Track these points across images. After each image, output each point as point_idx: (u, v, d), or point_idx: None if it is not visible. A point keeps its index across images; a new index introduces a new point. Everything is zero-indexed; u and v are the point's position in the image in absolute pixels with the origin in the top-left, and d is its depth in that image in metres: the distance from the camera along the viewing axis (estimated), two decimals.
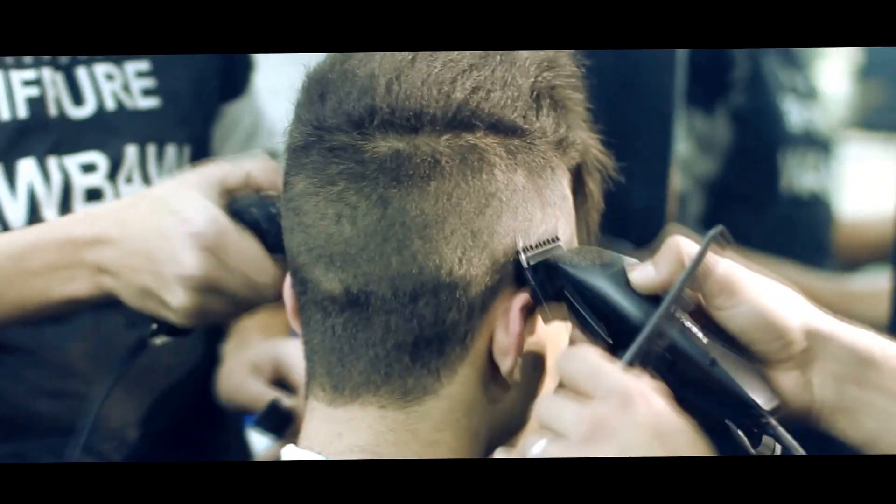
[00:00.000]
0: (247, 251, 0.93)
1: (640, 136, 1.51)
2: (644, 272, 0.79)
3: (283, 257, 0.89)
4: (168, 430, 1.27)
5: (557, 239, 0.83)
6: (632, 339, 0.76)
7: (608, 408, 0.72)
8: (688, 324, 0.78)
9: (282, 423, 1.16)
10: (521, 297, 0.81)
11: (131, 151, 1.20)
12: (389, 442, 0.81)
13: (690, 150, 1.92)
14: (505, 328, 0.81)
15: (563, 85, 0.83)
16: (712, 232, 0.77)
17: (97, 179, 1.18)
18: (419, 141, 0.78)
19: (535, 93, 0.81)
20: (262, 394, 1.18)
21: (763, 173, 1.96)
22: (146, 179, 1.21)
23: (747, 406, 0.77)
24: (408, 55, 0.80)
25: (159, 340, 1.01)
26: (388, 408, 0.81)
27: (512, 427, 0.85)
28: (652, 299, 0.78)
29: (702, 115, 1.92)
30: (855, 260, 2.08)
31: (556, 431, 0.73)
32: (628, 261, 0.81)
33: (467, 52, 0.80)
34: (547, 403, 0.75)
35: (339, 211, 0.79)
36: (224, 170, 0.97)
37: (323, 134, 0.80)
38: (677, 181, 1.73)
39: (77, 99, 1.19)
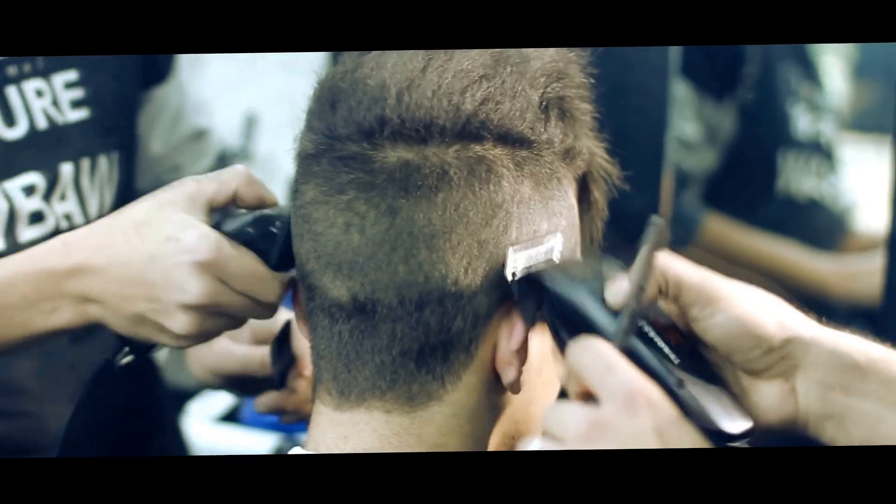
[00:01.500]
0: (250, 273, 0.91)
1: (633, 142, 1.52)
2: (617, 288, 0.78)
3: (284, 274, 0.91)
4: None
5: (550, 252, 0.83)
6: None
7: (610, 410, 0.72)
8: (658, 342, 0.78)
9: (289, 359, 1.12)
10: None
11: (66, 169, 1.18)
12: (394, 446, 0.82)
13: (694, 136, 1.93)
14: (508, 338, 0.82)
15: (571, 96, 0.84)
16: (653, 226, 0.75)
17: (38, 202, 1.16)
18: (428, 152, 0.79)
19: (543, 104, 0.82)
20: (249, 353, 1.14)
21: (761, 172, 1.97)
22: (80, 195, 1.19)
23: (713, 430, 0.76)
24: (419, 64, 0.80)
25: (125, 361, 0.99)
26: (394, 413, 0.82)
27: (516, 433, 0.86)
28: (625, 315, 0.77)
29: (710, 103, 1.93)
30: None
31: (554, 434, 0.73)
32: (611, 275, 0.80)
33: (478, 62, 0.81)
34: (549, 407, 0.75)
35: (348, 220, 0.80)
36: (208, 187, 0.94)
37: (333, 143, 0.81)
38: (669, 185, 1.74)
39: (9, 120, 1.17)
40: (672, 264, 0.78)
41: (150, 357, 1.03)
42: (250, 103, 2.13)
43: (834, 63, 2.13)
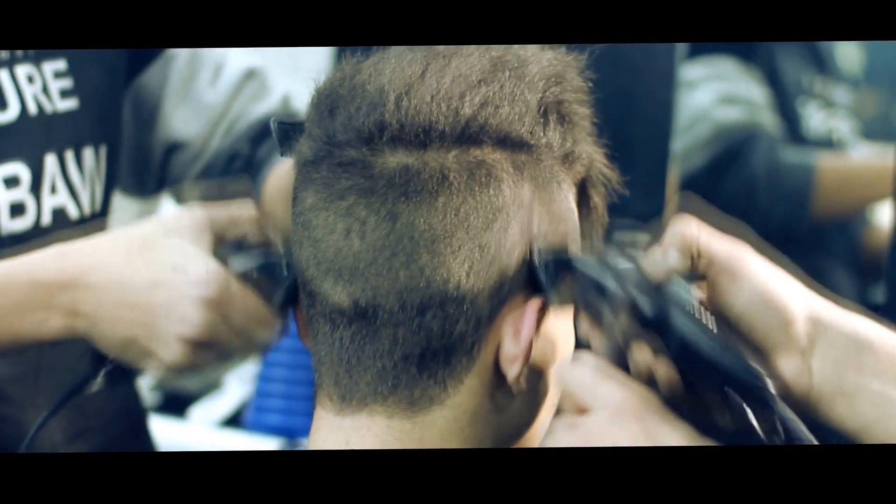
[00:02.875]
0: (254, 315, 0.91)
1: (639, 147, 1.52)
2: (653, 259, 0.80)
3: (285, 312, 0.91)
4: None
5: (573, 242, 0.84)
6: (642, 331, 0.78)
7: (598, 420, 0.73)
8: (698, 310, 0.79)
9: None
10: (534, 303, 0.82)
11: (50, 161, 1.16)
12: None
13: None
14: (513, 336, 0.82)
15: (570, 100, 0.84)
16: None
17: (20, 193, 1.14)
18: (428, 156, 0.79)
19: (542, 108, 0.82)
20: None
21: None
22: (70, 188, 1.17)
23: (750, 375, 0.77)
24: (417, 69, 0.81)
25: (97, 387, 0.98)
26: (395, 417, 0.82)
27: (518, 438, 0.86)
28: (662, 288, 0.79)
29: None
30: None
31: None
32: (640, 247, 0.82)
33: (477, 66, 0.81)
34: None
35: (349, 225, 0.80)
36: (218, 220, 0.93)
37: (333, 149, 0.81)
38: (673, 188, 1.74)
39: (1, 103, 1.14)
40: (703, 235, 0.80)
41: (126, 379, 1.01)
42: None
43: (851, 57, 2.12)
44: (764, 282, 0.79)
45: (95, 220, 1.20)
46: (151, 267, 0.91)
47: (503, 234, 0.80)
